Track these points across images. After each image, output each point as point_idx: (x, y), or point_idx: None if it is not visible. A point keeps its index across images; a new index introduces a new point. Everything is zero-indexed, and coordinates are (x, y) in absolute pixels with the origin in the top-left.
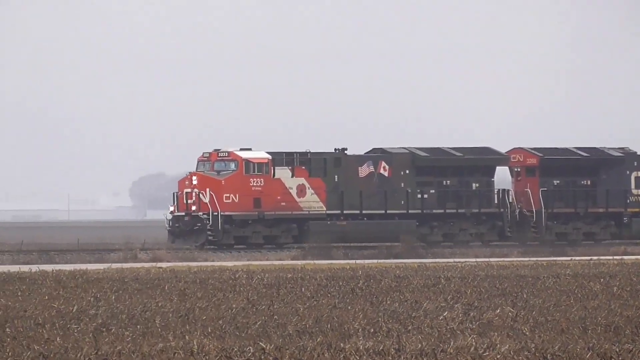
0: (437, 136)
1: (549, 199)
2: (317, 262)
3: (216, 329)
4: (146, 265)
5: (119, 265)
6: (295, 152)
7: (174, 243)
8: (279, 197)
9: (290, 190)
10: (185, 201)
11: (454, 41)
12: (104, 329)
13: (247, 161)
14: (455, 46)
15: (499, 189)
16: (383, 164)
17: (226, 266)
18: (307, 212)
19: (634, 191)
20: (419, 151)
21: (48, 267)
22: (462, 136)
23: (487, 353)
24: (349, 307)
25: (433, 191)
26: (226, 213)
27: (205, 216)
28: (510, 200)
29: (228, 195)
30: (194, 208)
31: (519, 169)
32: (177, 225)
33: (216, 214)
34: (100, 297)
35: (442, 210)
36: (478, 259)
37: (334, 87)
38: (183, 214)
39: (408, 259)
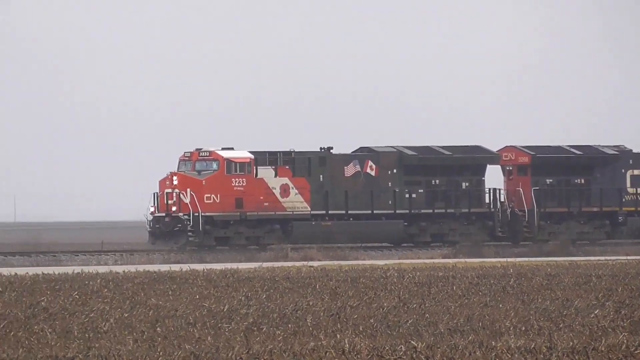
0: (428, 135)
1: (541, 198)
2: (468, 260)
3: (367, 328)
4: (297, 264)
5: (269, 264)
6: (278, 152)
7: (154, 244)
8: (261, 197)
9: (274, 190)
10: (165, 202)
11: (442, 38)
12: (255, 328)
13: (229, 161)
14: (444, 43)
15: (489, 188)
16: (370, 163)
17: (377, 265)
18: (291, 213)
19: (630, 190)
20: (406, 150)
21: (199, 267)
22: (455, 135)
23: (639, 351)
24: (500, 306)
25: (421, 191)
26: (207, 214)
27: (185, 217)
28: (502, 200)
29: (209, 195)
30: (174, 209)
31: (510, 168)
32: (157, 226)
33: (197, 214)
34: (251, 296)
35: (430, 210)
36: (629, 257)
37: (321, 85)
38: (163, 214)
39: (559, 257)
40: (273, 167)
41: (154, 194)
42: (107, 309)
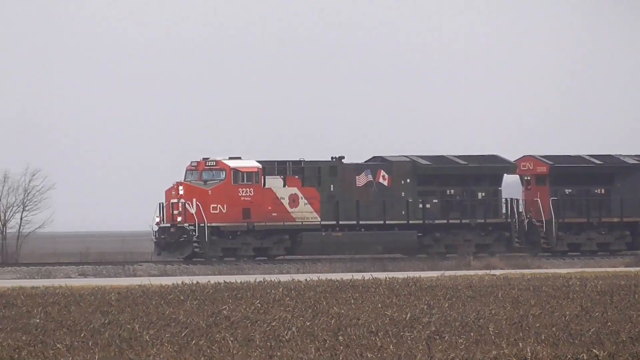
0: (445, 145)
1: (560, 208)
2: None
3: (549, 336)
4: (479, 272)
5: (451, 272)
6: (287, 161)
7: (159, 255)
8: (269, 208)
9: (282, 200)
10: (171, 212)
11: (459, 44)
12: (437, 337)
13: (236, 170)
14: (460, 49)
15: (506, 199)
16: (382, 172)
17: (560, 273)
18: (300, 223)
19: None
20: (420, 159)
21: (381, 275)
22: (471, 144)
23: None
24: None
25: (436, 201)
26: (213, 224)
27: (191, 227)
28: (520, 210)
29: (215, 205)
30: (179, 219)
31: (529, 178)
32: (162, 236)
33: (203, 225)
34: (434, 304)
35: (445, 221)
36: None
37: (334, 95)
38: (169, 225)
39: None
40: (282, 176)
41: (160, 204)
42: (289, 318)
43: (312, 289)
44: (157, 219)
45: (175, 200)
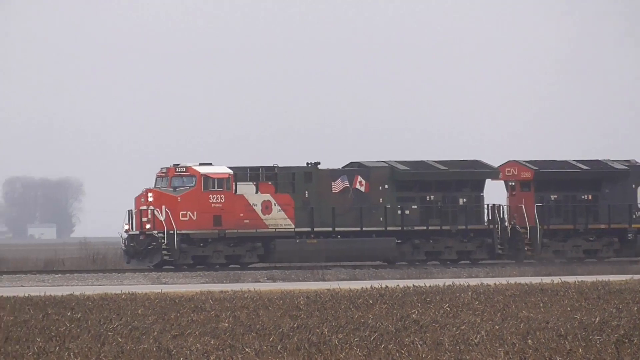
0: (431, 152)
1: (545, 214)
2: None
3: None
4: None
5: None
6: (260, 167)
7: (129, 263)
8: (241, 215)
9: (255, 207)
10: (140, 219)
11: (443, 48)
12: (626, 341)
13: (206, 176)
14: (445, 53)
15: (489, 204)
16: (359, 178)
17: None
18: (274, 230)
19: None
20: (399, 165)
21: (570, 279)
22: (456, 150)
23: None
24: None
25: (415, 207)
26: (183, 231)
27: (160, 235)
28: (502, 216)
29: (185, 212)
30: (148, 226)
31: (513, 183)
32: (132, 244)
33: (172, 232)
34: (622, 308)
35: (424, 227)
36: None
37: (313, 99)
38: (138, 232)
39: None
40: (254, 183)
41: (129, 211)
42: (478, 321)
43: (501, 293)
44: (126, 227)
45: (144, 207)
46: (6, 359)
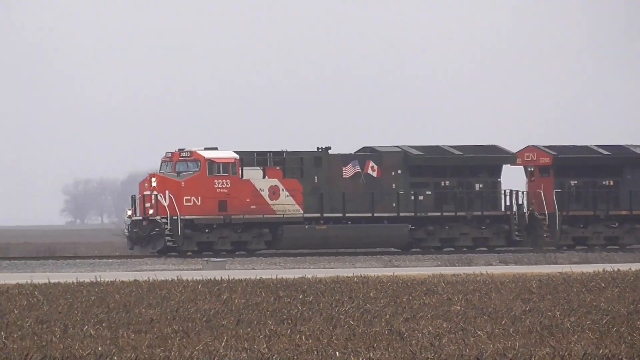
0: (446, 137)
1: (564, 200)
2: None
3: None
4: None
5: None
6: (268, 152)
7: (132, 250)
8: (248, 200)
9: (262, 192)
10: (144, 204)
11: (459, 30)
12: None
13: (211, 161)
14: (460, 35)
15: (506, 190)
16: (371, 163)
17: None
18: (281, 216)
19: None
20: (412, 150)
21: None
22: (478, 137)
23: None
24: None
25: (429, 192)
26: (187, 217)
27: (164, 220)
28: (520, 202)
29: (189, 197)
30: (151, 212)
31: (532, 169)
32: (135, 230)
33: (175, 218)
34: None
35: (438, 213)
36: None
37: (327, 83)
38: (141, 218)
39: None
40: (261, 167)
41: (132, 196)
42: None
43: None
44: (129, 212)
45: (148, 193)
46: (237, 342)
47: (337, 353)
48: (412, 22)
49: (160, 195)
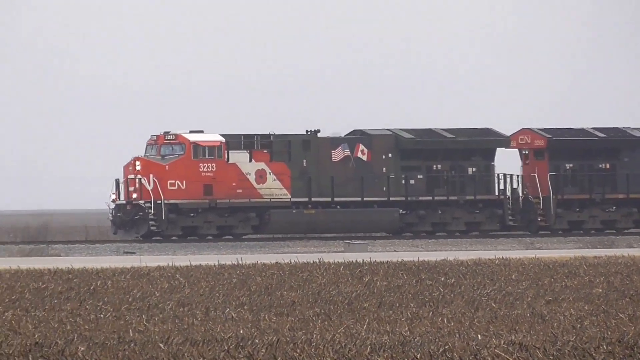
0: (439, 120)
1: (559, 184)
2: None
3: None
4: None
5: None
6: (255, 135)
7: (115, 234)
8: (234, 184)
9: (248, 176)
10: (128, 188)
11: (453, 7)
12: None
13: (196, 144)
14: (455, 13)
15: (499, 174)
16: (361, 147)
17: None
18: (268, 200)
19: None
20: (403, 133)
21: None
22: (471, 119)
23: None
24: None
25: (421, 176)
26: (171, 201)
27: (147, 204)
28: (515, 186)
29: (173, 181)
30: (134, 195)
31: (527, 152)
32: (119, 214)
33: (159, 202)
34: None
35: (430, 198)
36: None
37: (315, 64)
38: (125, 202)
39: None
40: (248, 151)
41: (116, 180)
42: None
43: None
44: (113, 196)
45: (132, 176)
46: (379, 325)
47: (478, 336)
48: (404, 4)
49: (144, 179)
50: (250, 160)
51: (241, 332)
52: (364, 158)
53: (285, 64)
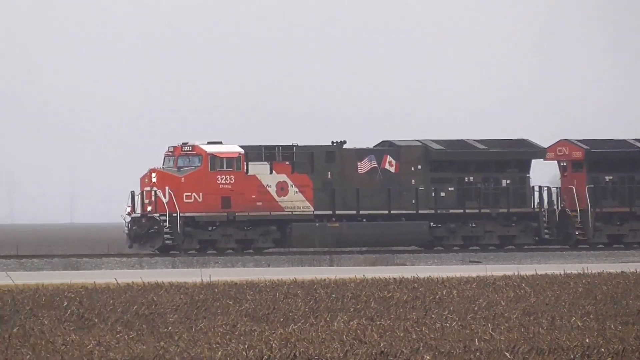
0: (475, 132)
1: (598, 196)
2: None
3: None
4: None
5: None
6: (276, 146)
7: (131, 247)
8: (253, 196)
9: (268, 188)
10: (143, 201)
11: (483, 14)
12: None
13: (213, 156)
14: (486, 21)
15: (535, 186)
16: (389, 158)
17: None
18: (290, 213)
19: None
20: (433, 144)
21: None
22: (510, 130)
23: None
24: None
25: (452, 189)
26: (187, 214)
27: (162, 217)
28: (551, 199)
29: (189, 194)
30: (149, 208)
31: (565, 164)
32: (134, 227)
33: (175, 215)
34: None
35: (461, 210)
36: None
37: (343, 76)
38: (140, 215)
39: None
40: (269, 162)
41: (131, 192)
42: None
43: None
44: (128, 209)
45: (147, 189)
46: None
47: None
48: (434, 10)
49: (160, 192)
50: (271, 172)
51: (587, 341)
52: (392, 170)
53: (312, 77)
